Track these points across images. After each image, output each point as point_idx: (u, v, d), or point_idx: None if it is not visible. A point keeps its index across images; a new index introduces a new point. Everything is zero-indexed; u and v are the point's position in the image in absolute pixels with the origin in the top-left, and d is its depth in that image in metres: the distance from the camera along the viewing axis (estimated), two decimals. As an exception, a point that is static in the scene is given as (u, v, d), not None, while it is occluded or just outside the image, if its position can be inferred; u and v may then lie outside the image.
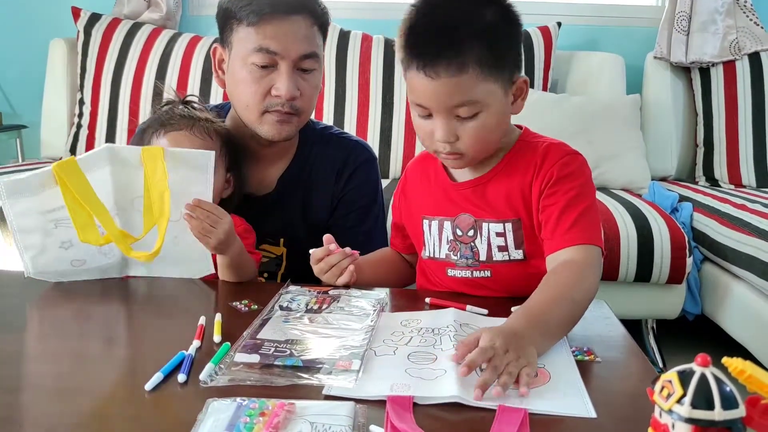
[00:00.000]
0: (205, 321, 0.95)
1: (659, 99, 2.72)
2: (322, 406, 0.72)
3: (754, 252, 1.82)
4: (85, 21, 2.72)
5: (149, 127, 1.26)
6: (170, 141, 1.21)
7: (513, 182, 1.07)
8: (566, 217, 1.02)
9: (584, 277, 0.97)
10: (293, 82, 1.22)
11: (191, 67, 2.64)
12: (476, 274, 1.11)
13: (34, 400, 0.75)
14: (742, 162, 2.60)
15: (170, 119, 1.24)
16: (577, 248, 1.00)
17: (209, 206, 1.12)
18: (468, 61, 0.95)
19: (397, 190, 1.28)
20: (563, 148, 1.08)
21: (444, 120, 1.00)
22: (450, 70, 0.95)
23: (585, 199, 1.04)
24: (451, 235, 1.12)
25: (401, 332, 0.93)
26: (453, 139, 1.01)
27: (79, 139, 2.66)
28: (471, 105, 0.98)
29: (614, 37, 2.89)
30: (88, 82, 2.69)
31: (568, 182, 1.04)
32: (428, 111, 1.01)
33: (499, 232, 1.08)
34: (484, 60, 0.96)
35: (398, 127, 2.60)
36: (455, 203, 1.12)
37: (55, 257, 1.13)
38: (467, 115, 0.99)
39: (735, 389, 0.54)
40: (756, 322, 1.83)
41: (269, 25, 1.20)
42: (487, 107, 0.99)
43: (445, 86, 0.96)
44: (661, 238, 1.91)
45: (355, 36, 2.66)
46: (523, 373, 0.77)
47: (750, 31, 2.68)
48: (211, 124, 1.26)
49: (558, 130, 1.18)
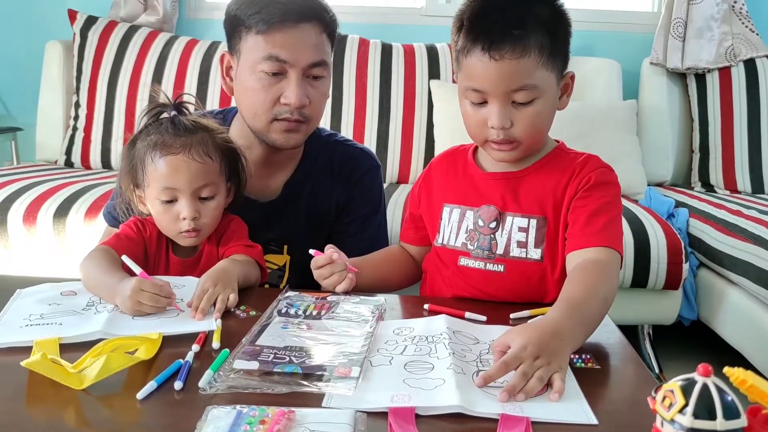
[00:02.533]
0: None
1: (655, 104, 2.73)
2: (323, 413, 0.72)
3: (749, 258, 1.83)
4: (82, 23, 2.71)
5: (141, 141, 1.17)
6: (168, 166, 1.13)
7: (547, 182, 1.11)
8: (597, 220, 1.05)
9: (610, 279, 1.00)
10: (303, 90, 1.22)
11: (188, 71, 2.63)
12: (489, 266, 1.12)
13: (29, 408, 0.75)
14: (737, 168, 2.61)
15: (165, 137, 1.15)
16: (603, 249, 1.03)
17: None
18: (531, 44, 1.00)
19: (417, 181, 1.30)
20: (601, 161, 1.13)
21: (500, 105, 1.03)
22: (515, 52, 1.00)
23: (615, 208, 1.09)
24: (471, 225, 1.14)
25: (395, 341, 0.93)
26: (508, 124, 1.04)
27: (75, 142, 2.65)
28: (529, 90, 1.02)
29: (611, 42, 2.90)
30: (84, 85, 2.68)
31: (603, 189, 1.08)
32: (483, 97, 1.04)
33: (523, 227, 1.10)
34: (545, 47, 1.01)
35: (395, 131, 2.60)
36: (482, 194, 1.14)
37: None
38: (524, 101, 1.03)
39: (737, 399, 0.54)
40: (751, 328, 1.83)
41: (279, 33, 1.19)
42: (543, 94, 1.04)
43: (507, 67, 1.00)
44: (657, 243, 1.91)
45: (352, 40, 2.66)
46: (556, 377, 0.78)
47: (745, 38, 2.70)
48: (210, 137, 1.18)
49: (555, 135, 1.19)
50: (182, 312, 1.01)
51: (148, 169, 1.15)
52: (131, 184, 1.20)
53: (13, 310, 1.01)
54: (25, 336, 0.91)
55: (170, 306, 1.01)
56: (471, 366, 0.85)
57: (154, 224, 1.21)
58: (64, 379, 0.78)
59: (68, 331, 0.92)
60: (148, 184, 1.16)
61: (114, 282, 1.03)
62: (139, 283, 0.99)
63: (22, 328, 0.94)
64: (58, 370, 0.78)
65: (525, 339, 0.81)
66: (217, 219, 1.21)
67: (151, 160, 1.15)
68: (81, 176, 2.35)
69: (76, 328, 0.94)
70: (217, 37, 2.73)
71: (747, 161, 2.61)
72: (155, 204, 1.17)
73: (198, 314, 0.98)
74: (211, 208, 1.18)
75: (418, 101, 2.62)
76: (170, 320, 0.99)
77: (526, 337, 0.81)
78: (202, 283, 1.04)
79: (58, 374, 0.78)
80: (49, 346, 0.84)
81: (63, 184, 2.13)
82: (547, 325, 0.85)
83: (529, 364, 0.78)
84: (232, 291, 1.04)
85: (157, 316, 1.00)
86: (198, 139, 1.16)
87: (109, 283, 1.04)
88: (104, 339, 0.88)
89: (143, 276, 1.03)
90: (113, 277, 1.05)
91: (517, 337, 0.81)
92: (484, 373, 0.78)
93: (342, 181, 1.39)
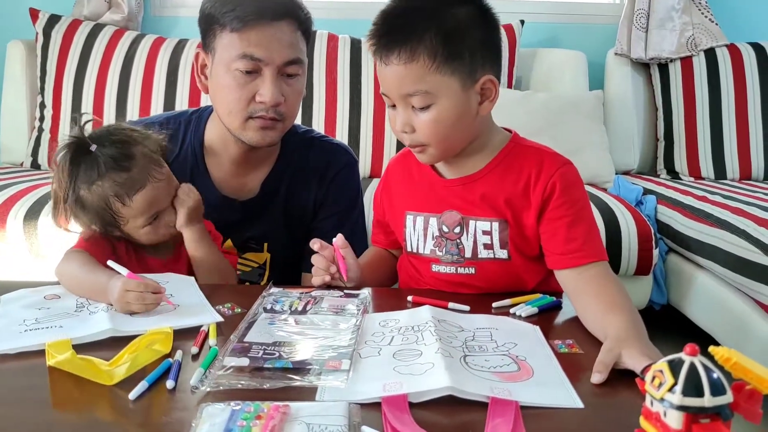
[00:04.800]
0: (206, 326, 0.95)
1: (621, 94, 2.78)
2: (317, 407, 0.72)
3: (716, 242, 1.88)
4: (44, 22, 2.65)
5: (88, 191, 1.12)
6: (145, 200, 1.13)
7: (504, 185, 1.09)
8: (577, 231, 1.06)
9: (619, 284, 1.02)
10: (277, 88, 1.22)
11: (156, 69, 2.59)
12: (461, 270, 1.13)
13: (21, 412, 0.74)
14: (700, 155, 2.67)
15: (116, 176, 1.11)
16: (596, 264, 1.04)
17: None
18: (419, 50, 0.99)
19: (378, 187, 1.30)
20: (557, 158, 1.11)
21: (401, 109, 1.04)
22: (401, 58, 1.00)
23: (589, 213, 1.09)
24: (437, 231, 1.14)
25: (381, 333, 0.94)
26: (408, 129, 1.05)
27: (41, 144, 2.60)
28: (422, 95, 1.01)
29: (576, 34, 2.94)
30: (48, 85, 2.63)
31: (571, 193, 1.08)
32: (392, 101, 1.05)
33: (486, 230, 1.10)
34: (438, 53, 0.99)
35: (366, 126, 2.60)
36: (442, 200, 1.13)
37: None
38: (419, 106, 1.02)
39: (722, 376, 0.56)
40: (720, 310, 1.89)
41: (253, 32, 1.19)
42: (440, 100, 1.02)
43: (395, 72, 1.01)
44: (628, 231, 1.95)
45: (321, 36, 2.65)
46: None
47: (705, 28, 2.76)
48: (150, 149, 1.16)
49: (523, 127, 1.20)
50: (177, 306, 1.03)
51: (122, 212, 1.14)
52: (92, 226, 1.17)
53: (1, 318, 1.00)
54: (28, 341, 0.90)
55: (162, 301, 1.02)
56: (458, 351, 0.86)
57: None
58: (95, 376, 0.79)
59: (75, 332, 0.93)
60: (126, 222, 1.15)
61: (103, 281, 1.03)
62: (124, 284, 0.99)
63: (21, 333, 0.94)
64: (88, 368, 0.80)
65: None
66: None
67: (122, 204, 1.13)
68: (49, 178, 2.28)
69: (80, 329, 0.94)
70: (183, 35, 2.70)
71: (710, 148, 2.67)
72: (141, 231, 1.16)
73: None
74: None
75: (388, 95, 2.62)
76: (173, 315, 1.00)
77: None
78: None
79: (88, 371, 0.80)
80: (62, 347, 0.85)
81: (31, 186, 2.09)
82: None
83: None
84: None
85: (155, 312, 1.00)
86: (145, 160, 1.14)
87: (98, 282, 1.04)
88: (113, 336, 0.92)
89: (130, 276, 1.03)
90: (101, 276, 1.05)
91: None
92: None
93: (319, 177, 1.39)
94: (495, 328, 0.96)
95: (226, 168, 1.35)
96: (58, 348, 0.84)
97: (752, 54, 2.71)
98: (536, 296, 1.08)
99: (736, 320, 1.80)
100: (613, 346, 0.84)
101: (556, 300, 1.07)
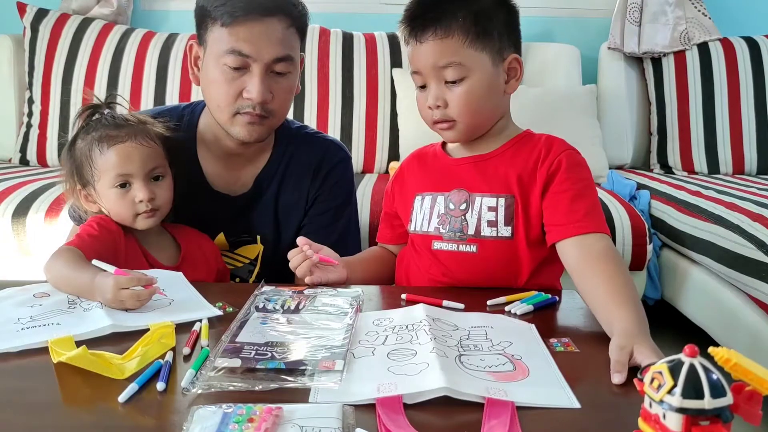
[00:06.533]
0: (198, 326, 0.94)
1: (614, 89, 2.77)
2: (310, 409, 0.71)
3: (710, 237, 1.87)
4: (32, 17, 2.63)
5: (82, 140, 1.19)
6: (118, 154, 1.16)
7: (514, 163, 1.14)
8: (580, 205, 1.08)
9: (620, 260, 1.03)
10: (265, 85, 1.21)
11: (146, 63, 2.57)
12: (462, 248, 1.14)
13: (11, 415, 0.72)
14: (694, 149, 2.67)
15: (107, 130, 1.18)
16: (600, 235, 1.05)
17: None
18: (453, 27, 1.07)
19: (390, 182, 1.33)
20: (566, 142, 1.16)
21: (434, 84, 1.10)
22: (437, 34, 1.08)
23: (593, 191, 1.12)
24: (443, 209, 1.16)
25: (375, 332, 0.93)
26: (442, 103, 1.10)
27: (30, 139, 2.58)
28: (455, 67, 1.08)
29: (569, 28, 2.94)
30: (37, 80, 2.60)
31: (577, 172, 1.11)
32: (423, 80, 1.11)
33: (492, 206, 1.12)
34: (470, 30, 1.07)
35: (359, 121, 2.59)
36: (452, 178, 1.18)
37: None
38: (453, 78, 1.08)
39: (722, 378, 0.55)
40: (714, 305, 1.88)
41: (242, 27, 1.18)
42: (473, 73, 1.08)
43: (431, 47, 1.09)
44: (622, 226, 1.94)
45: (312, 30, 2.63)
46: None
47: (698, 22, 2.76)
48: (150, 128, 1.22)
49: (517, 121, 1.21)
50: (173, 301, 1.03)
51: (98, 163, 1.17)
52: (77, 185, 1.21)
53: None
54: (27, 339, 0.89)
55: (157, 294, 1.01)
56: (453, 350, 0.85)
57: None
58: (105, 370, 0.80)
59: (75, 329, 0.91)
60: (99, 178, 1.18)
61: (87, 279, 1.02)
62: (117, 283, 0.98)
63: (19, 332, 0.92)
64: (99, 363, 0.80)
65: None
66: (170, 199, 1.23)
67: (99, 152, 1.17)
68: (38, 174, 2.28)
69: (80, 326, 0.93)
70: (173, 29, 2.67)
71: (703, 143, 2.67)
72: (109, 195, 1.18)
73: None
74: (164, 188, 1.21)
75: (381, 90, 2.61)
76: (171, 310, 1.00)
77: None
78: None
79: (99, 366, 0.80)
80: (66, 344, 0.84)
81: (20, 183, 2.06)
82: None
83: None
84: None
85: (153, 308, 1.00)
86: (139, 128, 1.20)
87: (83, 280, 1.03)
88: (116, 332, 0.92)
89: (118, 273, 1.01)
90: (85, 273, 1.04)
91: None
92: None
93: (312, 173, 1.38)
94: (490, 326, 0.95)
95: (219, 162, 1.34)
96: (63, 345, 0.83)
97: (745, 48, 2.71)
98: (531, 293, 1.08)
99: (729, 315, 1.80)
100: (626, 343, 0.84)
101: (551, 297, 1.07)
